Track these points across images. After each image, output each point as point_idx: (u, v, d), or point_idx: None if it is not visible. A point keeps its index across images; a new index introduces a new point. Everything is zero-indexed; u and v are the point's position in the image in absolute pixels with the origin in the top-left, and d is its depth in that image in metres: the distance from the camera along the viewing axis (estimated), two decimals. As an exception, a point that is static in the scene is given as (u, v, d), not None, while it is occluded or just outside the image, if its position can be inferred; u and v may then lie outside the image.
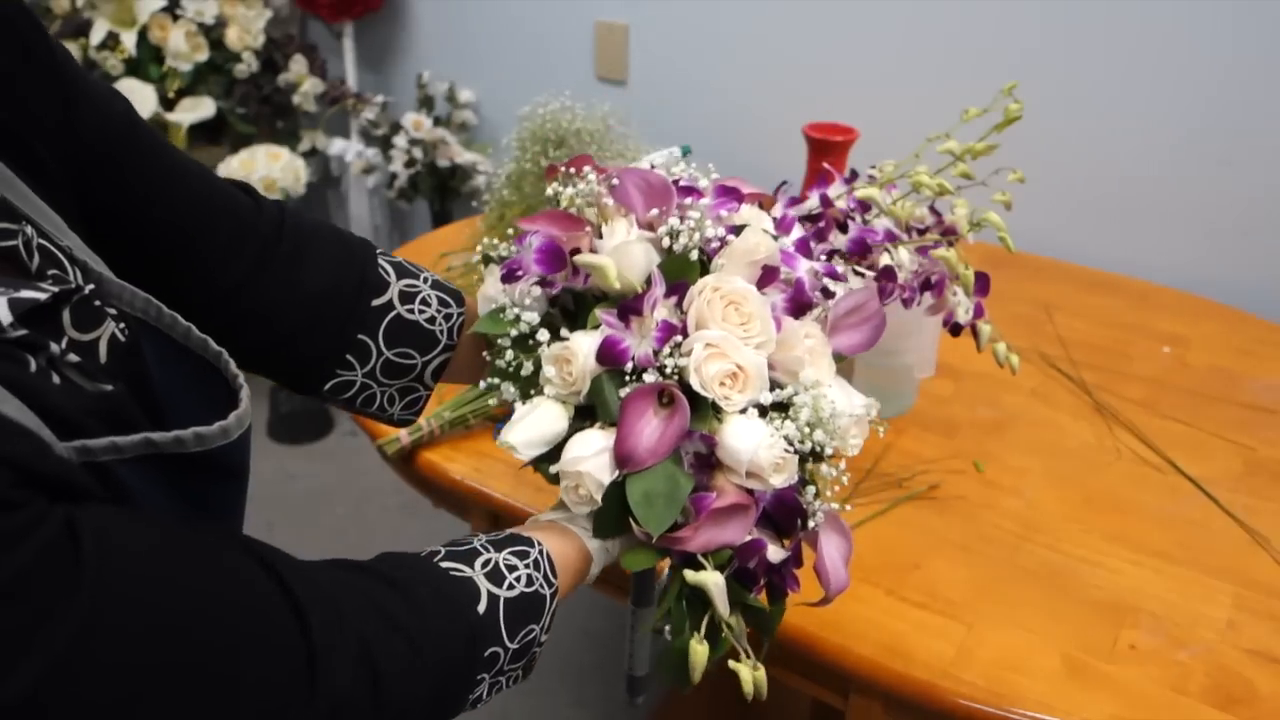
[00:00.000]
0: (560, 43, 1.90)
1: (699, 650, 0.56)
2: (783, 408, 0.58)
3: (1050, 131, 1.44)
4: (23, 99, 0.48)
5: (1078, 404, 1.07)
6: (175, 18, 1.94)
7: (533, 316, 0.59)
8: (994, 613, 0.79)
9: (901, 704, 0.75)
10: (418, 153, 2.03)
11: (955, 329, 0.79)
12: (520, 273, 0.59)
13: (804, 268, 0.62)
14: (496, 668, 0.54)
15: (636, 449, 0.56)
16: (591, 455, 0.56)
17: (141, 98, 1.87)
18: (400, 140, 2.04)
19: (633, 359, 0.57)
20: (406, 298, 0.65)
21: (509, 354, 0.60)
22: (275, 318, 0.61)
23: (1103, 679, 0.73)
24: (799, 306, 0.60)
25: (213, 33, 1.97)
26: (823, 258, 0.67)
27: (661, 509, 0.56)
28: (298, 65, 2.04)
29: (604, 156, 1.25)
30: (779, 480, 0.57)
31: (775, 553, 0.58)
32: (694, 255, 0.59)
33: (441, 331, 0.66)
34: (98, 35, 1.86)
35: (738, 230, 0.60)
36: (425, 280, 0.67)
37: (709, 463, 0.58)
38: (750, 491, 0.57)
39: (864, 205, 0.73)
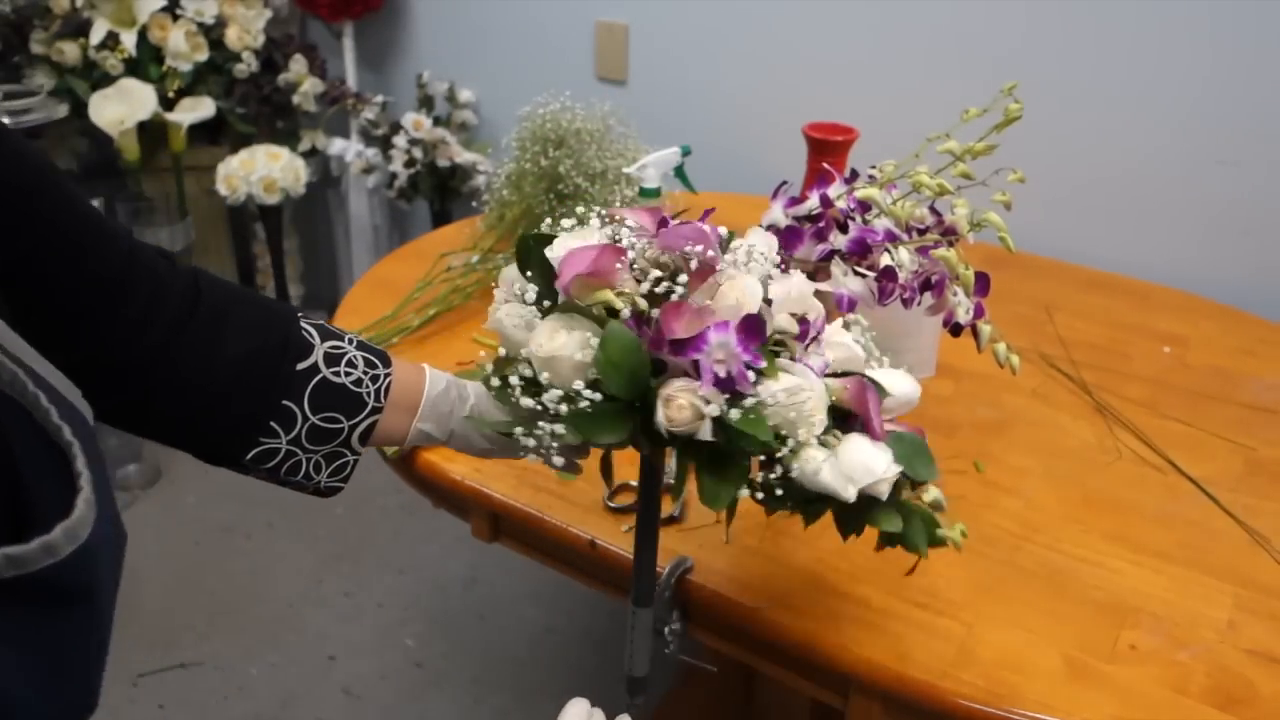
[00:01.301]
0: (560, 43, 1.90)
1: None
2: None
3: (1051, 131, 1.44)
4: None
5: (1078, 404, 1.07)
6: (175, 18, 1.94)
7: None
8: (994, 613, 0.78)
9: (901, 704, 0.74)
10: (418, 153, 2.03)
11: (955, 329, 0.78)
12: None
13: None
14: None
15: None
16: None
17: (141, 98, 1.87)
18: (400, 140, 2.04)
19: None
20: (332, 360, 0.64)
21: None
22: (193, 387, 0.59)
23: (1103, 679, 0.73)
24: None
25: (213, 33, 1.97)
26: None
27: None
28: (298, 65, 2.04)
29: (604, 156, 1.25)
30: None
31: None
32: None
33: (369, 394, 0.65)
34: (98, 35, 1.86)
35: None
36: (350, 342, 0.66)
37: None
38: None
39: (864, 205, 0.73)
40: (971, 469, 0.96)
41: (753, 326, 0.56)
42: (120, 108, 1.86)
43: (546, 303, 0.61)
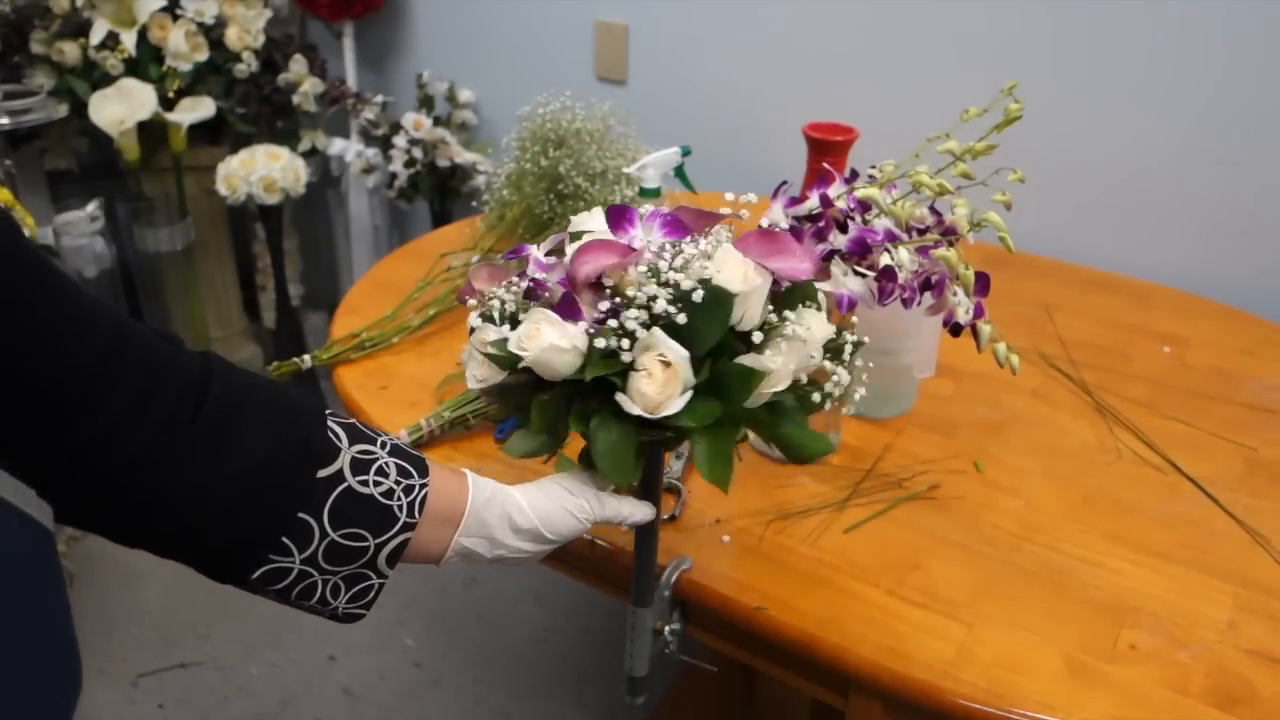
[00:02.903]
0: (560, 43, 1.90)
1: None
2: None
3: (1051, 131, 1.44)
4: None
5: (1078, 404, 1.07)
6: (175, 18, 1.94)
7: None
8: (994, 613, 0.78)
9: (901, 704, 0.74)
10: (418, 153, 2.03)
11: (955, 329, 0.78)
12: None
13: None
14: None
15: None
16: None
17: (141, 98, 1.87)
18: (400, 140, 2.04)
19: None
20: (360, 467, 0.56)
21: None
22: (190, 498, 0.51)
23: (1103, 679, 0.73)
24: None
25: (213, 33, 1.97)
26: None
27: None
28: (298, 65, 2.04)
29: (604, 156, 1.25)
30: None
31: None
32: None
33: (400, 507, 0.57)
34: (98, 35, 1.86)
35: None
36: (384, 446, 0.59)
37: None
38: None
39: (864, 205, 0.73)
40: (971, 469, 0.96)
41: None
42: (120, 108, 1.86)
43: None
